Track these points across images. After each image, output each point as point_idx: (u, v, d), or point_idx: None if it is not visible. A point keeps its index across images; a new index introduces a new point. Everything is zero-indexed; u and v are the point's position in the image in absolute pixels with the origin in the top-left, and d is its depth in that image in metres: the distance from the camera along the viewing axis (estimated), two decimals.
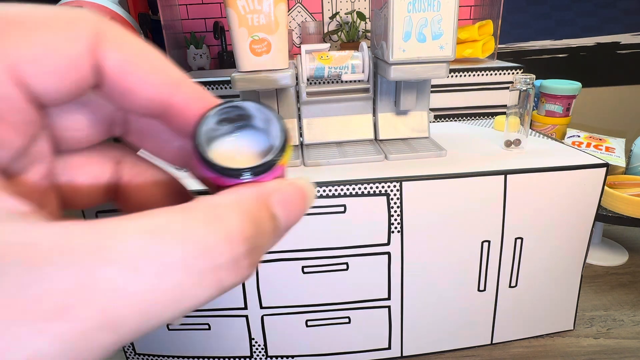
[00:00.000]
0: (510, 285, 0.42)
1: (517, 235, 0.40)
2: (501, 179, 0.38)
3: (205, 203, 0.12)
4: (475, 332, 0.44)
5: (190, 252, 0.10)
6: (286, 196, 0.14)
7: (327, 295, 0.40)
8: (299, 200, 0.15)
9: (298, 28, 1.34)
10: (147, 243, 0.10)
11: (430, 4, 0.36)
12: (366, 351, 0.43)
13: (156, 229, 0.10)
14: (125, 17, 0.71)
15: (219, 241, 0.11)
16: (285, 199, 0.14)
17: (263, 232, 0.13)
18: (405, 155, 0.42)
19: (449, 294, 0.41)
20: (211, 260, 0.10)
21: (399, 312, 0.41)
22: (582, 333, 0.45)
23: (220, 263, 0.10)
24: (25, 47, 0.12)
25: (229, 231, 0.11)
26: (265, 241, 0.13)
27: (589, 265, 0.54)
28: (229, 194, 0.13)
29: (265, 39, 0.38)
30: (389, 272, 0.40)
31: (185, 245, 0.10)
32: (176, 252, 0.10)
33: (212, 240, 0.11)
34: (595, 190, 0.40)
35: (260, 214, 0.13)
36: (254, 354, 0.42)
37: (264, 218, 0.13)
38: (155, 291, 0.10)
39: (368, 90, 0.45)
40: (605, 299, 0.49)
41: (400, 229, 0.38)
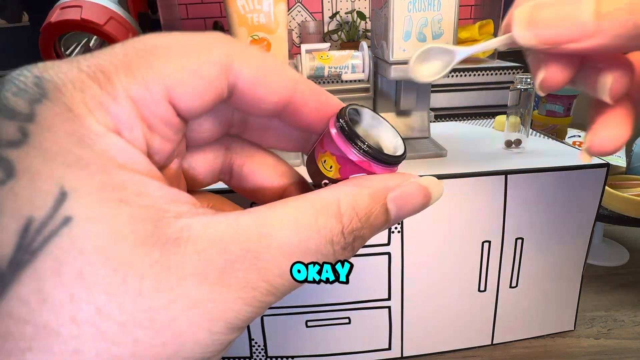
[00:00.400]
0: (511, 286, 0.42)
1: (518, 235, 0.40)
2: (502, 179, 0.37)
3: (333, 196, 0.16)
4: (476, 333, 0.44)
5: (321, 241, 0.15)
6: (404, 193, 0.17)
7: (327, 295, 0.40)
8: (417, 198, 0.17)
9: (298, 28, 1.34)
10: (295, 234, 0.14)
11: (431, 3, 0.36)
12: (366, 352, 0.43)
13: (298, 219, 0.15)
14: (125, 17, 0.71)
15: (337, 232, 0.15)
16: (403, 196, 0.17)
17: (371, 224, 0.16)
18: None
19: (449, 295, 0.41)
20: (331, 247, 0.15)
21: (399, 312, 0.41)
22: (583, 333, 0.45)
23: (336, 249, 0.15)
24: (175, 73, 0.15)
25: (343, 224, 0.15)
26: (374, 231, 0.16)
27: (590, 265, 0.54)
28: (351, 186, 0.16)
29: (265, 38, 0.37)
30: (389, 273, 0.40)
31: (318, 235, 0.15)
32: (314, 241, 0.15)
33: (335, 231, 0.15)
34: (596, 191, 0.39)
35: (373, 209, 0.16)
36: (253, 354, 0.42)
37: (376, 212, 0.16)
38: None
39: (368, 90, 0.45)
40: (606, 300, 0.49)
41: (400, 229, 0.38)
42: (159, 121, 0.15)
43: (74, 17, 0.61)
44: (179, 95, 0.15)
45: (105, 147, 0.13)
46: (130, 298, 0.12)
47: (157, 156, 0.16)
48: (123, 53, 0.14)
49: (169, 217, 0.13)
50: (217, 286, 0.13)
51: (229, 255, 0.13)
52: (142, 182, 0.13)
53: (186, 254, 0.13)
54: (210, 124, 0.18)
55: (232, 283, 0.13)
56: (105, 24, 0.64)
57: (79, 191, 0.12)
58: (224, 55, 0.16)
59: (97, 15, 0.63)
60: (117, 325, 0.12)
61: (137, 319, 0.12)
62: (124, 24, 0.70)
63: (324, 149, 0.17)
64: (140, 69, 0.14)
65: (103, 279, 0.12)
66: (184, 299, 0.13)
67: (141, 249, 0.12)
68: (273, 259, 0.14)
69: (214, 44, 0.16)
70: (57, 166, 0.12)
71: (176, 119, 0.16)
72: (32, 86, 0.13)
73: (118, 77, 0.14)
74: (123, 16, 0.70)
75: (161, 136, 0.15)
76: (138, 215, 0.13)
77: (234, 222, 0.14)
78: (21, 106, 0.12)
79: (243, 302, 0.13)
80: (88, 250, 0.12)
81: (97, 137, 0.13)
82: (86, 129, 0.13)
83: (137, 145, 0.14)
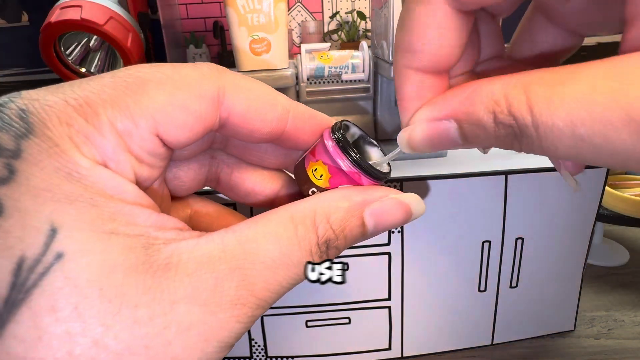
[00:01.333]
0: (511, 286, 0.42)
1: (518, 235, 0.40)
2: (502, 179, 0.37)
3: (311, 208, 0.16)
4: (476, 333, 0.44)
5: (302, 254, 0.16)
6: (383, 208, 0.17)
7: (327, 295, 0.40)
8: (396, 213, 0.17)
9: (298, 27, 1.34)
10: (278, 249, 0.15)
11: None
12: (366, 352, 0.43)
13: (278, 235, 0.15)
14: (125, 17, 0.71)
15: (314, 244, 0.16)
16: (381, 211, 0.17)
17: (346, 236, 0.16)
18: (405, 155, 0.42)
19: (449, 295, 0.41)
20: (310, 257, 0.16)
21: (399, 312, 0.41)
22: (583, 333, 0.45)
23: (314, 258, 0.16)
24: (164, 108, 0.15)
25: (319, 235, 0.16)
26: (349, 242, 0.17)
27: (590, 265, 0.54)
28: (331, 198, 0.17)
29: (265, 38, 0.37)
30: (389, 273, 0.40)
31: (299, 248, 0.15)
32: (295, 255, 0.15)
33: (312, 242, 0.16)
34: (596, 190, 0.39)
35: (348, 222, 0.16)
36: (253, 355, 0.42)
37: (351, 225, 0.16)
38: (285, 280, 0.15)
39: (368, 90, 0.45)
40: (606, 299, 0.49)
41: (400, 229, 0.38)
42: (146, 153, 0.15)
43: (73, 17, 0.61)
44: (167, 130, 0.15)
45: (93, 180, 0.13)
46: (126, 327, 0.12)
47: (145, 183, 0.16)
48: (112, 86, 0.14)
49: (158, 244, 0.14)
50: (209, 307, 0.13)
51: (218, 274, 0.14)
52: (132, 212, 0.14)
53: (177, 279, 0.13)
54: (192, 145, 0.18)
55: (223, 302, 0.14)
56: (105, 24, 0.64)
57: (69, 226, 0.12)
58: (214, 89, 0.16)
59: (97, 15, 0.63)
60: (114, 355, 0.12)
61: (133, 348, 0.12)
62: (124, 24, 0.70)
63: (316, 158, 0.18)
64: (127, 103, 0.14)
65: (99, 312, 0.12)
66: (178, 323, 0.13)
67: (134, 278, 0.13)
68: (259, 274, 0.14)
69: (204, 77, 0.16)
70: (46, 202, 0.12)
71: (163, 150, 0.16)
72: (17, 120, 0.13)
73: (105, 110, 0.14)
74: (123, 16, 0.70)
75: (149, 165, 0.16)
76: (129, 245, 0.13)
77: (220, 243, 0.14)
78: (7, 142, 0.12)
79: (235, 320, 0.14)
80: (82, 283, 0.12)
81: (85, 170, 0.13)
82: (73, 163, 0.13)
83: (125, 175, 0.14)
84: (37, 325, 0.11)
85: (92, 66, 0.97)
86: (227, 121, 0.17)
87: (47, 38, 0.65)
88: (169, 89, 0.15)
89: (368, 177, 0.17)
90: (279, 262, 0.15)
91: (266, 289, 0.15)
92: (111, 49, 0.82)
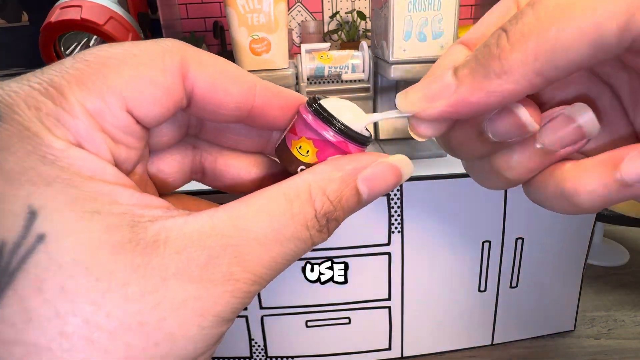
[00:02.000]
0: (511, 286, 0.42)
1: (518, 235, 0.40)
2: None
3: (304, 182, 0.16)
4: (476, 333, 0.44)
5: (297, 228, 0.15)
6: (375, 174, 0.17)
7: (327, 295, 0.40)
8: (388, 177, 0.17)
9: (298, 27, 1.34)
10: (270, 225, 0.15)
11: (431, 3, 0.36)
12: (366, 352, 0.43)
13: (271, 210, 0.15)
14: (125, 17, 0.71)
15: (311, 217, 0.15)
16: (373, 176, 0.17)
17: (344, 206, 0.16)
18: (405, 155, 0.42)
19: (449, 295, 0.41)
20: (307, 232, 0.15)
21: (399, 312, 0.41)
22: (583, 334, 0.45)
23: (312, 233, 0.15)
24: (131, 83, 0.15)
25: (316, 208, 0.15)
26: (348, 212, 0.17)
27: (590, 265, 0.54)
28: (322, 171, 0.16)
29: (265, 38, 0.37)
30: (389, 273, 0.40)
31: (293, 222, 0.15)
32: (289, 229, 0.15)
33: (308, 216, 0.15)
34: None
35: (344, 192, 0.16)
36: (253, 355, 0.42)
37: (347, 195, 0.16)
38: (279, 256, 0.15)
39: (368, 90, 0.45)
40: (606, 300, 0.49)
41: (400, 229, 0.38)
42: (120, 132, 0.15)
43: (73, 16, 0.61)
44: (137, 105, 0.15)
45: (70, 162, 0.13)
46: (117, 305, 0.12)
47: (124, 165, 0.16)
48: (74, 67, 0.14)
49: (144, 221, 0.13)
50: (202, 282, 0.13)
51: (209, 251, 0.14)
52: (113, 192, 0.13)
53: (166, 255, 0.13)
54: (167, 128, 0.18)
55: (215, 277, 0.13)
56: (105, 24, 0.64)
57: (48, 208, 0.12)
58: (177, 62, 0.16)
59: (97, 15, 0.63)
60: (108, 334, 0.12)
61: (127, 324, 0.12)
62: (124, 24, 0.70)
63: (299, 136, 0.18)
64: (94, 81, 0.14)
65: (87, 290, 0.12)
66: (171, 299, 0.13)
67: (121, 256, 0.12)
68: (252, 251, 0.14)
69: (166, 52, 0.16)
70: (22, 186, 0.12)
71: (137, 127, 0.16)
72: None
73: (72, 91, 0.14)
74: (123, 16, 0.70)
75: (126, 145, 0.15)
76: (113, 223, 0.13)
77: (210, 220, 0.14)
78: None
79: (230, 295, 0.14)
80: (67, 263, 0.12)
81: (59, 152, 0.13)
82: (47, 145, 0.13)
83: (102, 156, 0.14)
84: (25, 308, 0.11)
85: None
86: (193, 96, 0.16)
87: (47, 38, 0.65)
88: (132, 64, 0.15)
89: (355, 144, 0.17)
90: (272, 238, 0.14)
91: (260, 265, 0.14)
92: None
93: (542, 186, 0.17)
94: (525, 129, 0.16)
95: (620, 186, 0.14)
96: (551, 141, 0.16)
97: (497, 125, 0.16)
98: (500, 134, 0.16)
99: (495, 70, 0.14)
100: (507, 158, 0.17)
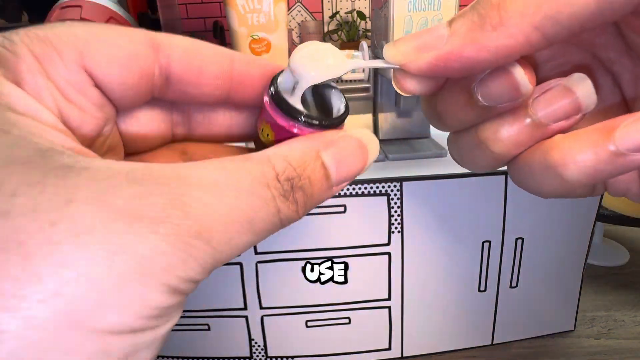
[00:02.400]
0: (511, 286, 0.42)
1: (518, 235, 0.40)
2: (502, 179, 0.37)
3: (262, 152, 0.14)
4: (476, 333, 0.44)
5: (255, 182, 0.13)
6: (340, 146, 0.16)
7: (327, 295, 0.40)
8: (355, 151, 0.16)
9: (298, 27, 1.34)
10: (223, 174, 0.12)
11: (431, 3, 0.36)
12: (366, 352, 0.43)
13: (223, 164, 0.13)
14: (125, 17, 0.71)
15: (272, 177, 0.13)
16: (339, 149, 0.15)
17: (309, 176, 0.14)
18: (405, 155, 0.42)
19: (449, 294, 0.41)
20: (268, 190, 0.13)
21: (399, 312, 0.41)
22: (583, 333, 0.45)
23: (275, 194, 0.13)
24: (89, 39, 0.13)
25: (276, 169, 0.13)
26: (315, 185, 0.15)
27: (590, 265, 0.54)
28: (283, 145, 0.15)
29: (265, 38, 0.37)
30: (389, 273, 0.40)
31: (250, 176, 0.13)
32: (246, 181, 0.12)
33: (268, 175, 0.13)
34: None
35: (308, 161, 0.14)
36: (253, 355, 0.42)
37: (311, 165, 0.15)
38: (234, 210, 0.12)
39: (368, 90, 0.45)
40: (606, 299, 0.49)
41: (400, 229, 0.38)
42: (73, 90, 0.13)
43: (73, 17, 0.61)
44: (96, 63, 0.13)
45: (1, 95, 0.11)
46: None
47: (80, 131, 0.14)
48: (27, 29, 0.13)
49: (63, 150, 0.11)
50: (122, 216, 0.10)
51: (139, 187, 0.11)
52: (40, 127, 0.11)
53: (80, 180, 0.10)
54: (151, 125, 0.17)
55: (144, 215, 0.10)
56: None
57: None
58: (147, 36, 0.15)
59: (97, 15, 0.63)
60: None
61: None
62: (124, 24, 0.70)
63: (262, 117, 0.17)
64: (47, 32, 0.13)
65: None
66: (71, 222, 0.10)
67: (14, 168, 0.10)
68: (197, 196, 0.11)
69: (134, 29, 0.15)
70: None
71: (95, 92, 0.14)
72: None
73: (19, 36, 0.13)
74: (123, 16, 0.70)
75: (79, 108, 0.14)
76: (19, 143, 0.11)
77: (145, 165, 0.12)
78: None
79: (159, 238, 0.10)
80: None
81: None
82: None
83: (45, 103, 0.13)
84: None
85: None
86: (170, 75, 0.15)
87: None
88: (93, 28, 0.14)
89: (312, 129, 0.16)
90: (224, 187, 0.12)
91: (206, 214, 0.11)
92: None
93: (528, 161, 0.16)
94: (518, 90, 0.15)
95: (612, 155, 0.13)
96: (545, 113, 0.15)
97: (489, 85, 0.15)
98: (491, 96, 0.15)
99: (492, 22, 0.13)
100: (495, 128, 0.16)
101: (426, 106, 0.19)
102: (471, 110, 0.16)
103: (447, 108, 0.17)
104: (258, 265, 0.39)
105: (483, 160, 0.18)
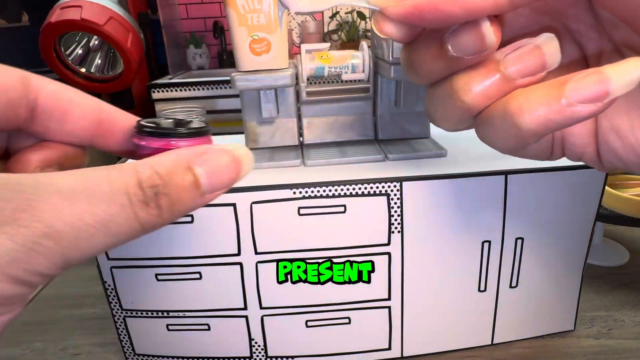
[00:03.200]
0: (511, 286, 0.42)
1: (518, 235, 0.40)
2: (501, 179, 0.37)
3: (132, 162, 0.15)
4: (476, 333, 0.44)
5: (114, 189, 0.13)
6: (211, 158, 0.16)
7: (327, 295, 0.40)
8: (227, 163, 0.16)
9: (298, 27, 1.34)
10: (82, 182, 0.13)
11: None
12: (366, 352, 0.43)
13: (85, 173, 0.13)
14: (125, 17, 0.71)
15: (133, 185, 0.14)
16: (210, 158, 0.16)
17: (177, 184, 0.15)
18: (405, 155, 0.42)
19: (449, 294, 0.41)
20: (127, 197, 0.14)
21: (399, 312, 0.41)
22: (583, 333, 0.45)
23: (134, 201, 0.14)
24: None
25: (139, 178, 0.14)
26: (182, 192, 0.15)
27: (590, 265, 0.54)
28: (156, 156, 0.16)
29: (265, 38, 0.37)
30: (389, 273, 0.40)
31: (109, 184, 0.13)
32: (103, 188, 0.13)
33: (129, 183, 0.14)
34: (596, 190, 0.39)
35: (177, 170, 0.15)
36: (253, 355, 0.42)
37: (180, 173, 0.15)
38: (87, 214, 0.13)
39: (368, 90, 0.45)
40: (606, 299, 0.49)
41: (400, 229, 0.38)
42: None
43: (74, 17, 0.61)
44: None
45: None
46: None
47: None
48: None
49: None
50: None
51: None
52: None
53: None
54: None
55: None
56: (105, 24, 0.64)
57: None
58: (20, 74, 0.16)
59: (97, 15, 0.63)
60: None
61: None
62: (124, 24, 0.70)
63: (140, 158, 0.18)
64: None
65: None
66: None
67: None
68: (50, 201, 0.12)
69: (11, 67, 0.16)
70: None
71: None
72: None
73: None
74: (123, 16, 0.70)
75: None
76: None
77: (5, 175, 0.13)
78: None
79: (7, 238, 0.12)
80: None
81: None
82: None
83: None
84: None
85: (92, 66, 0.97)
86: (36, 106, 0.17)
87: (48, 38, 0.65)
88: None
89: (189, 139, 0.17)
90: (80, 193, 0.13)
91: (59, 218, 0.12)
92: (111, 49, 0.82)
93: (491, 113, 0.17)
94: (483, 42, 0.16)
95: (563, 106, 0.15)
96: (515, 69, 0.16)
97: (459, 35, 0.16)
98: (460, 46, 0.17)
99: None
100: (468, 79, 0.17)
101: (404, 55, 0.20)
102: (441, 61, 0.18)
103: (421, 58, 0.19)
104: (258, 265, 0.39)
105: (453, 113, 0.19)
